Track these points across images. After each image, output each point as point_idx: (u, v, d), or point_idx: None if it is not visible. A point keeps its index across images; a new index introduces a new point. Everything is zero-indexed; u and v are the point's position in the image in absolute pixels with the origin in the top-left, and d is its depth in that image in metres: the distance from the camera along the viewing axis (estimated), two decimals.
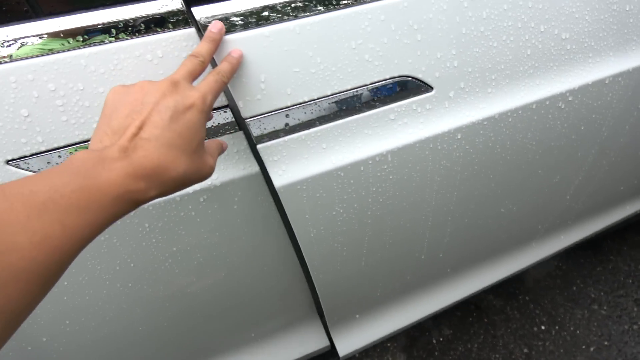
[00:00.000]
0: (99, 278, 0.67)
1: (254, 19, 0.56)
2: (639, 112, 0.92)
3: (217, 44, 0.54)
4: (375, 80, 0.64)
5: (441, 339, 1.56)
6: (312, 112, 0.63)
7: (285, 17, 0.57)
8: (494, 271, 1.21)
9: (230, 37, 0.55)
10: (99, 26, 0.52)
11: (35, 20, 0.51)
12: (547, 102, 0.77)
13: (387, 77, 0.64)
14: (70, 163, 0.38)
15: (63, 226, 0.34)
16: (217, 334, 0.92)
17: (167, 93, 0.45)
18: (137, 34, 0.53)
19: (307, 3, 0.58)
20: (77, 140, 0.55)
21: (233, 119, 0.61)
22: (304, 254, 0.77)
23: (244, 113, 0.59)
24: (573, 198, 1.09)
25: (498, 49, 0.69)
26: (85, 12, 0.52)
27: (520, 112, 0.75)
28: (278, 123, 0.62)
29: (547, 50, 0.73)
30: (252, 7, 0.56)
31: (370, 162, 0.68)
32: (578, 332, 1.56)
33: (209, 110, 0.49)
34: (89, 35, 0.52)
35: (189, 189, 0.63)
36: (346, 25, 0.60)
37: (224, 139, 0.62)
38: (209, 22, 0.54)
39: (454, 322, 1.61)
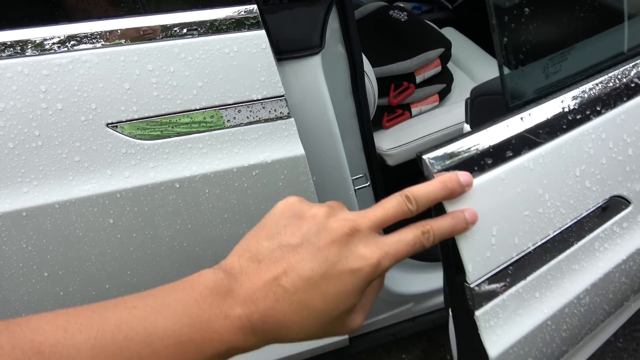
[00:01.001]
0: (161, 234, 0.72)
1: (490, 159, 0.43)
2: None
3: (450, 198, 0.40)
4: (590, 207, 0.52)
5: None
6: (531, 259, 0.49)
7: (519, 152, 0.44)
8: None
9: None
10: (191, 23, 0.64)
11: (144, 15, 0.63)
12: None
13: (600, 201, 0.53)
14: (192, 290, 0.33)
15: None
16: None
17: (337, 241, 0.34)
18: (219, 32, 0.64)
19: (538, 130, 0.46)
20: (163, 112, 0.65)
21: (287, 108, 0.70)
22: None
23: (471, 277, 0.45)
24: None
25: None
26: (180, 12, 0.64)
27: None
28: (500, 280, 0.48)
29: None
30: (485, 142, 0.43)
31: (574, 301, 0.56)
32: None
33: (380, 275, 0.36)
34: (182, 29, 0.63)
35: (244, 162, 0.70)
36: (573, 150, 0.48)
37: (277, 124, 0.70)
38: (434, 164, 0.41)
39: None
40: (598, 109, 0.50)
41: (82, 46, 0.60)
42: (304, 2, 0.71)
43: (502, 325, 0.50)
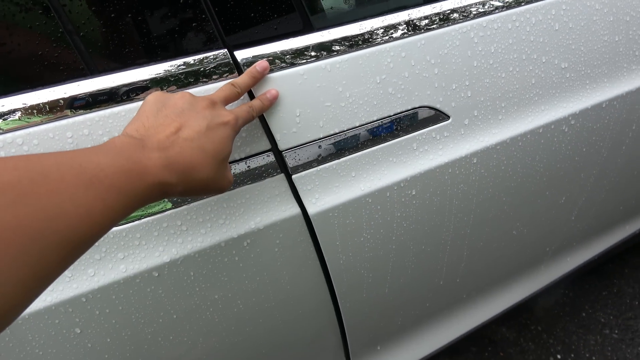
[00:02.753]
0: (141, 332, 0.67)
1: (291, 59, 0.61)
2: (633, 133, 0.98)
3: (257, 81, 0.59)
4: (399, 111, 0.69)
5: None
6: (342, 143, 0.67)
7: (318, 57, 0.62)
8: (508, 296, 1.24)
9: (269, 75, 0.60)
10: (150, 80, 0.56)
11: (90, 77, 0.54)
12: (552, 126, 0.82)
13: (409, 107, 0.69)
14: (113, 144, 0.41)
15: (104, 204, 0.36)
16: None
17: (205, 107, 0.49)
18: (186, 86, 0.58)
19: (336, 44, 0.63)
20: None
21: (275, 161, 0.65)
22: (332, 282, 0.79)
23: (281, 145, 0.64)
24: (578, 219, 1.13)
25: (506, 79, 0.75)
26: (135, 68, 0.56)
27: (528, 136, 0.80)
28: (311, 154, 0.66)
29: (549, 78, 0.80)
30: (289, 48, 0.61)
31: (395, 187, 0.72)
32: (594, 358, 1.56)
33: (238, 131, 0.54)
34: (140, 89, 0.56)
35: (233, 233, 0.65)
36: (371, 62, 0.65)
37: (266, 182, 0.66)
38: (248, 63, 0.60)
39: (470, 359, 1.60)
40: (397, 34, 0.66)
41: (17, 124, 0.52)
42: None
43: (320, 192, 0.68)
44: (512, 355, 1.59)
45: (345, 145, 0.67)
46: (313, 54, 0.62)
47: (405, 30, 0.67)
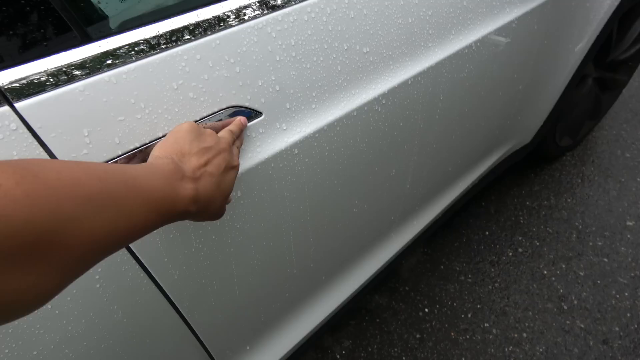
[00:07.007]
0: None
1: (65, 76, 0.55)
2: (442, 102, 1.08)
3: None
4: (205, 114, 0.67)
5: (343, 352, 1.62)
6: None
7: (98, 70, 0.57)
8: (367, 267, 1.31)
9: (36, 98, 0.54)
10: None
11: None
12: (365, 108, 0.87)
13: (216, 110, 0.68)
14: (161, 169, 0.48)
15: (145, 222, 0.43)
16: None
17: (226, 149, 0.59)
18: None
19: (118, 53, 0.59)
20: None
21: None
22: (172, 299, 0.75)
23: None
24: (412, 186, 1.23)
25: (312, 69, 0.77)
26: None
27: (344, 120, 0.84)
28: None
29: (354, 64, 0.83)
30: (61, 64, 0.55)
31: None
32: (455, 304, 1.74)
33: None
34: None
35: None
36: (163, 68, 0.62)
37: None
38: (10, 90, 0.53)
39: (350, 332, 1.68)
40: (187, 37, 0.64)
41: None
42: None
43: None
44: (387, 319, 1.70)
45: None
46: (92, 66, 0.57)
47: (196, 32, 0.64)
